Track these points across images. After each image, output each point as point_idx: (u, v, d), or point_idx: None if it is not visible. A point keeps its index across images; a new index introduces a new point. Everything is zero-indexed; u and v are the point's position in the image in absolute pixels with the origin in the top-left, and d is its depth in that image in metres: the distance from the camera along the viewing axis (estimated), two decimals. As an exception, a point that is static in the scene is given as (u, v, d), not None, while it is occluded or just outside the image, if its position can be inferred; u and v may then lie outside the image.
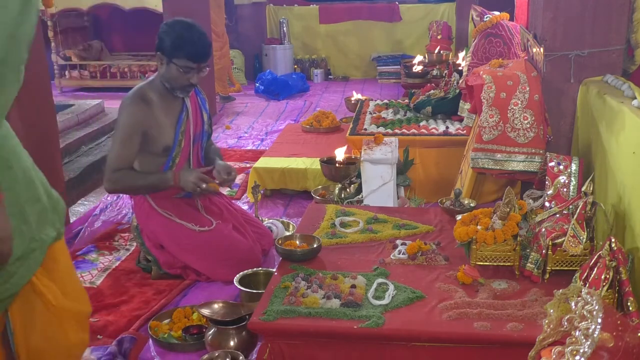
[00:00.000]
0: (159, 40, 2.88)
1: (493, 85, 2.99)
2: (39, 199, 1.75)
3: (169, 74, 2.90)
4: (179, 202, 3.05)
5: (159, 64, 2.91)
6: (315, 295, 2.19)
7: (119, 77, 8.30)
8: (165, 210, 3.00)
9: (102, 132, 5.31)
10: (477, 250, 2.37)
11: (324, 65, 9.24)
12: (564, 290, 1.57)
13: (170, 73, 2.89)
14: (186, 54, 2.84)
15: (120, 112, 2.94)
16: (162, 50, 2.87)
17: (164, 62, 2.89)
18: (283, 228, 3.50)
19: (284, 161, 4.29)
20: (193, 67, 2.88)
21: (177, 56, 2.85)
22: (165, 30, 2.88)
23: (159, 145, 2.94)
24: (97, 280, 3.06)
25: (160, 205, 3.00)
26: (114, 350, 2.41)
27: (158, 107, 2.93)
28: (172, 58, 2.86)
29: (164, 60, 2.88)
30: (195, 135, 3.06)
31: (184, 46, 2.84)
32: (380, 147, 3.36)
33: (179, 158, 3.00)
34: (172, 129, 2.96)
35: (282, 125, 6.13)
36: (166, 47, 2.85)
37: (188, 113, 3.01)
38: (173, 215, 2.99)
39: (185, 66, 2.86)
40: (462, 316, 2.07)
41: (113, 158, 2.93)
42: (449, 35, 6.98)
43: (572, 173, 2.53)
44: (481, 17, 4.08)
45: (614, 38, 2.85)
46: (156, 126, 2.92)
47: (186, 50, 2.84)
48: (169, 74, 2.89)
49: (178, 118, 2.98)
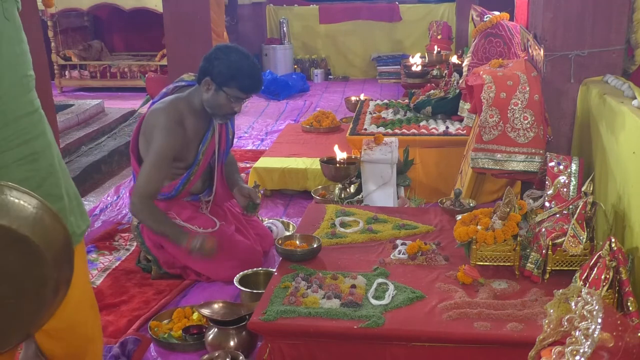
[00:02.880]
0: (210, 65, 2.78)
1: (493, 85, 2.99)
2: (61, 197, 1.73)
3: (214, 101, 2.82)
4: (185, 204, 3.05)
5: (205, 88, 2.81)
6: (315, 295, 2.19)
7: (119, 77, 8.30)
8: (169, 213, 2.99)
9: (102, 132, 5.32)
10: (477, 250, 2.37)
11: (324, 65, 9.24)
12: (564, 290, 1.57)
13: (217, 100, 2.81)
14: (239, 85, 2.78)
15: (156, 132, 2.82)
16: (213, 76, 2.78)
17: (211, 88, 2.80)
18: (283, 228, 3.50)
19: (284, 161, 4.29)
20: (242, 98, 2.83)
21: (229, 85, 2.77)
22: (218, 57, 2.78)
23: (182, 162, 2.94)
24: (97, 280, 3.06)
25: (163, 207, 2.99)
26: (117, 352, 2.41)
27: (190, 128, 2.90)
28: (223, 86, 2.78)
29: (212, 86, 2.79)
30: (219, 154, 3.04)
31: (238, 77, 2.76)
32: (380, 147, 3.36)
33: (195, 175, 2.99)
34: (196, 147, 2.94)
35: (282, 125, 6.13)
36: (218, 73, 2.76)
37: (214, 133, 2.99)
38: (177, 219, 2.98)
39: (235, 96, 2.80)
40: (462, 316, 2.07)
41: (145, 181, 2.82)
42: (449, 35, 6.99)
43: (572, 173, 2.53)
44: (481, 17, 4.08)
45: (614, 38, 2.84)
46: (185, 147, 2.90)
47: (240, 81, 2.77)
48: (216, 101, 2.82)
49: (203, 137, 2.95)
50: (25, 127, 1.57)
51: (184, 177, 2.96)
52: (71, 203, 1.79)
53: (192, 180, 2.99)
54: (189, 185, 2.99)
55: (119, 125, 5.63)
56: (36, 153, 1.61)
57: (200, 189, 3.09)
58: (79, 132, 5.06)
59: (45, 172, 1.66)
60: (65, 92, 8.28)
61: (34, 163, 1.62)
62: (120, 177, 4.78)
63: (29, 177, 1.60)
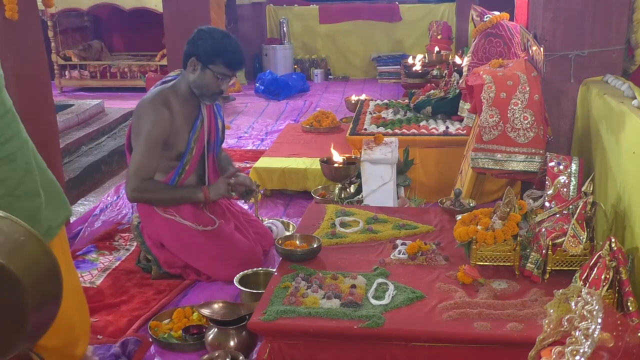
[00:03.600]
0: (194, 45, 2.83)
1: (493, 85, 2.99)
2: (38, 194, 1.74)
3: (201, 80, 2.86)
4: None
5: (191, 69, 2.86)
6: (315, 295, 2.19)
7: (119, 77, 8.30)
8: (168, 211, 2.99)
9: (102, 132, 5.32)
10: (477, 250, 2.37)
11: (324, 65, 9.24)
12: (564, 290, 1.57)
13: (204, 79, 2.86)
14: (224, 61, 2.83)
15: (142, 118, 2.87)
16: (198, 55, 2.82)
17: (197, 68, 2.84)
18: (283, 228, 3.50)
19: (284, 161, 4.29)
20: (228, 75, 2.88)
21: (215, 62, 2.82)
22: (201, 37, 2.84)
23: (174, 151, 2.94)
24: (97, 280, 3.06)
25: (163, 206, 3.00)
26: (117, 351, 2.41)
27: (179, 113, 2.91)
28: (209, 64, 2.83)
29: (198, 66, 2.84)
30: (209, 144, 3.06)
31: (223, 53, 2.82)
32: (380, 147, 3.36)
33: (189, 165, 3.00)
34: (186, 135, 2.95)
35: (282, 125, 6.13)
36: (204, 52, 2.81)
37: (203, 120, 3.00)
38: (177, 216, 2.99)
39: (222, 73, 2.85)
40: (462, 316, 2.07)
41: (137, 167, 2.87)
42: (449, 35, 6.98)
43: (572, 173, 2.53)
44: (481, 17, 4.08)
45: (614, 38, 2.84)
46: (175, 133, 2.91)
47: (225, 57, 2.82)
48: (202, 80, 2.86)
49: (192, 125, 2.97)
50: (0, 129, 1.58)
51: (178, 167, 2.97)
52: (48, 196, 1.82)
53: (187, 170, 2.99)
54: (184, 176, 2.99)
55: (119, 125, 5.64)
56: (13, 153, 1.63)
57: (196, 184, 3.09)
58: (79, 132, 5.06)
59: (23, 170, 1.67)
60: (65, 92, 8.28)
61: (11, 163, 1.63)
62: (120, 177, 4.78)
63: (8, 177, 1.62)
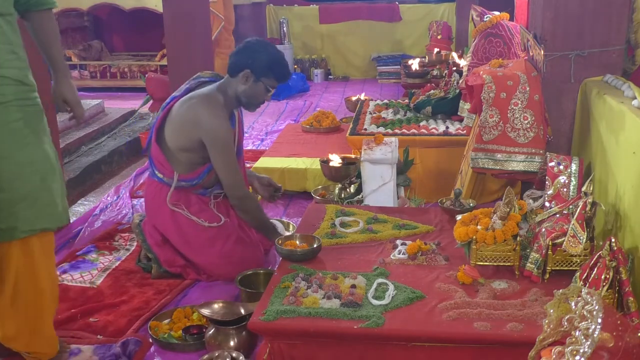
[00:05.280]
0: (250, 58, 2.93)
1: (493, 85, 2.99)
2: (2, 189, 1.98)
3: (252, 91, 2.98)
4: (193, 198, 3.06)
5: (243, 80, 2.95)
6: (315, 295, 2.19)
7: (119, 77, 8.30)
8: (177, 204, 3.01)
9: (102, 132, 5.32)
10: (477, 250, 2.37)
11: (324, 65, 9.24)
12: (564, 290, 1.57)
13: (255, 90, 2.98)
14: (276, 76, 2.99)
15: (211, 126, 2.90)
16: (253, 68, 2.93)
17: (250, 80, 2.95)
18: (283, 228, 3.49)
19: (284, 161, 4.29)
20: (276, 87, 3.03)
21: (268, 76, 2.96)
22: (258, 50, 2.96)
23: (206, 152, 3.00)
24: (97, 280, 3.06)
25: (174, 197, 3.02)
26: (118, 351, 2.42)
27: None
28: (262, 77, 2.95)
29: (251, 78, 2.94)
30: (238, 148, 3.13)
31: (277, 68, 2.97)
32: (380, 147, 3.36)
33: None
34: None
35: (282, 125, 6.13)
36: (260, 66, 2.93)
37: (236, 125, 3.09)
38: (185, 210, 3.01)
39: (272, 85, 3.00)
40: (462, 316, 2.07)
41: (234, 174, 2.98)
42: (449, 35, 6.98)
43: (572, 173, 2.53)
44: (481, 17, 4.08)
45: (614, 38, 2.85)
46: None
47: (278, 71, 2.98)
48: (253, 91, 2.98)
49: None
50: None
51: (210, 165, 3.01)
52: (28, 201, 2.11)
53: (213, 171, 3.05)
54: (208, 177, 3.05)
55: (119, 125, 5.64)
56: None
57: (212, 182, 3.12)
58: (79, 132, 5.06)
59: None
60: (65, 92, 8.27)
61: None
62: (120, 177, 4.78)
63: None
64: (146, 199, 3.16)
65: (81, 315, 2.71)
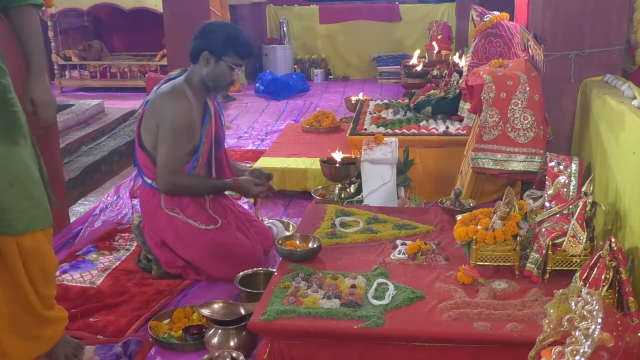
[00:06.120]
0: (205, 40, 2.92)
1: (493, 85, 2.99)
2: None
3: (215, 73, 2.95)
4: (188, 200, 3.05)
5: (204, 62, 2.93)
6: (315, 295, 2.19)
7: (119, 77, 8.30)
8: (172, 209, 3.00)
9: (102, 132, 5.32)
10: (477, 250, 2.37)
11: (324, 65, 9.23)
12: (564, 290, 1.57)
13: (218, 71, 2.95)
14: (237, 51, 2.95)
15: (165, 110, 2.91)
16: (211, 49, 2.91)
17: (211, 61, 2.93)
18: (283, 228, 3.50)
19: (284, 161, 4.29)
20: (240, 64, 2.99)
21: (228, 54, 2.93)
22: (212, 31, 2.95)
23: (191, 144, 2.98)
24: (97, 280, 3.06)
25: (168, 202, 3.00)
26: (119, 351, 2.42)
27: (194, 106, 2.97)
28: (222, 56, 2.92)
29: (211, 59, 2.93)
30: (217, 139, 3.11)
31: (235, 44, 2.94)
32: (380, 147, 3.36)
33: (202, 159, 3.03)
34: (199, 129, 3.00)
35: (282, 125, 6.13)
36: (217, 45, 2.91)
37: (211, 115, 3.05)
38: (180, 214, 3.00)
39: (235, 63, 2.96)
40: (462, 316, 2.07)
41: (167, 159, 2.92)
42: (449, 35, 6.99)
43: (572, 173, 2.53)
44: (481, 17, 4.08)
45: (614, 38, 2.85)
46: (193, 125, 2.97)
47: (237, 47, 2.95)
48: (216, 72, 2.95)
49: (202, 120, 3.01)
50: None
51: (193, 161, 3.00)
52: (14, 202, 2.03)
53: (200, 164, 3.03)
54: (198, 169, 3.03)
55: (119, 125, 5.63)
56: None
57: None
58: (79, 132, 5.05)
59: None
60: (65, 92, 8.27)
61: None
62: (120, 177, 4.78)
63: None
64: (141, 205, 3.15)
65: (81, 315, 2.72)
